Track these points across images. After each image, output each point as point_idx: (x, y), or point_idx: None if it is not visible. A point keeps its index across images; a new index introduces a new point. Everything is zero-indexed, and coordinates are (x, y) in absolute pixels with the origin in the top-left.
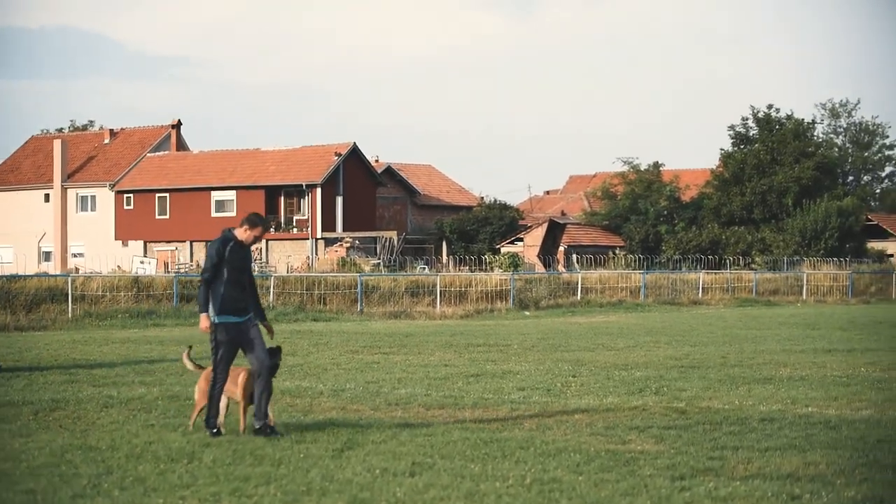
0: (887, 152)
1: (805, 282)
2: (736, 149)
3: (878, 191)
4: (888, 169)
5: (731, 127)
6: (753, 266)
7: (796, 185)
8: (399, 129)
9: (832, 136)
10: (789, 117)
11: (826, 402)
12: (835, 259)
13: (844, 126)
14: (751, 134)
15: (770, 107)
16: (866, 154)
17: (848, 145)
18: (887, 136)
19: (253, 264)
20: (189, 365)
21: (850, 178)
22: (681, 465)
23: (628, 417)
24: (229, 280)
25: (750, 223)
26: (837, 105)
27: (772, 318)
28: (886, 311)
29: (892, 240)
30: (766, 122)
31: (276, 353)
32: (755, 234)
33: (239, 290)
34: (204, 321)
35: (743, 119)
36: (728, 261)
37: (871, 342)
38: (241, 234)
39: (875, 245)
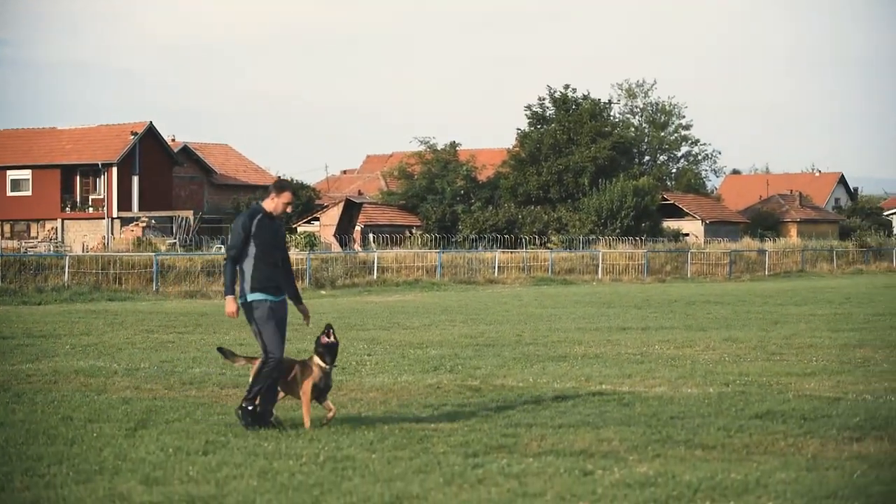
0: (683, 132)
1: (601, 261)
2: (532, 129)
3: (674, 170)
4: (684, 149)
5: (528, 107)
6: (549, 245)
7: (592, 165)
8: (195, 108)
9: (629, 116)
10: (586, 97)
11: (620, 379)
12: (631, 238)
13: (641, 106)
14: (547, 114)
15: (567, 87)
16: (662, 134)
17: (644, 125)
18: (683, 117)
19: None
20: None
21: (647, 157)
22: (474, 442)
23: (422, 395)
24: (259, 257)
25: (546, 203)
26: (634, 85)
27: (567, 296)
28: (681, 289)
29: (688, 219)
30: (563, 102)
31: (328, 330)
32: (551, 214)
33: (271, 268)
34: (230, 304)
35: (540, 99)
36: (524, 240)
37: (665, 320)
38: (269, 204)
39: (671, 224)
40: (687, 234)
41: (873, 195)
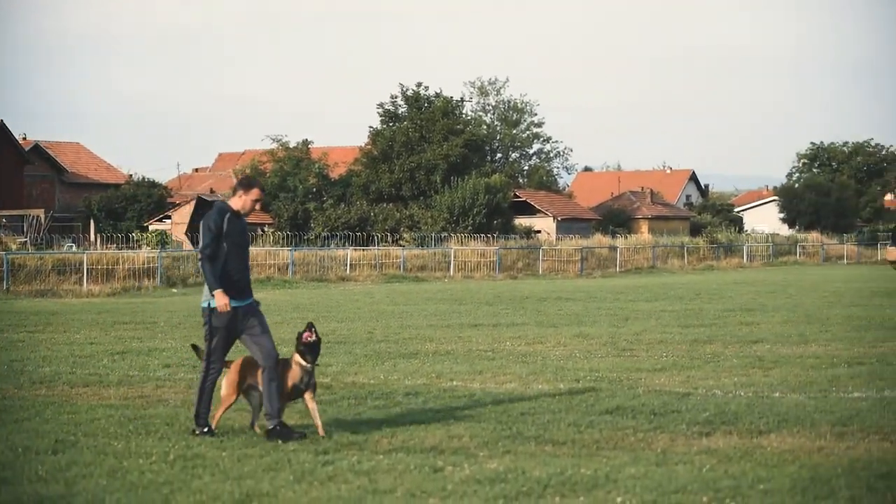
0: (535, 130)
1: (452, 258)
2: (385, 126)
3: (526, 168)
4: (536, 146)
5: (381, 105)
6: (402, 243)
7: (445, 163)
8: (47, 106)
9: (481, 113)
10: (438, 95)
11: (471, 375)
12: (482, 235)
13: (493, 104)
14: (400, 112)
15: (419, 84)
16: (515, 131)
17: (496, 123)
18: (535, 114)
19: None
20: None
21: (499, 155)
22: (324, 439)
23: None
24: (230, 256)
25: (398, 200)
26: (486, 83)
27: (419, 293)
28: (533, 285)
29: (540, 216)
30: (415, 100)
31: (310, 328)
32: (404, 211)
33: (241, 268)
34: (221, 297)
35: (392, 97)
36: (376, 237)
37: (516, 317)
38: (237, 202)
39: (523, 221)
40: (539, 231)
41: (724, 192)
